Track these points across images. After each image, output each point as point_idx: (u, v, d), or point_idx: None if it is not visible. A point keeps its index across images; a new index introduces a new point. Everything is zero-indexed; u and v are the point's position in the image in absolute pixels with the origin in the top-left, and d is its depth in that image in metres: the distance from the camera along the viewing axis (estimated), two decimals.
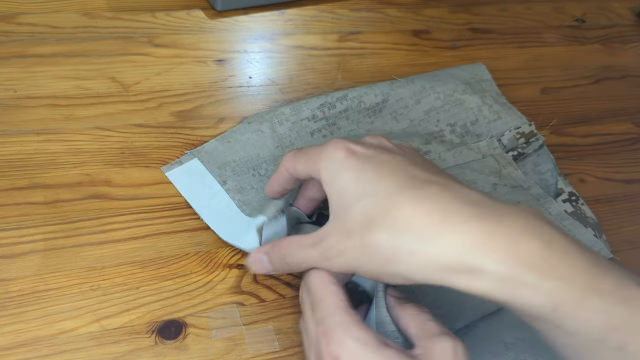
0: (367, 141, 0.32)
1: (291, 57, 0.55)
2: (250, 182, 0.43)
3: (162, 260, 0.39)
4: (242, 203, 0.42)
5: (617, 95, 0.59)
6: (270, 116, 0.46)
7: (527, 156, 0.49)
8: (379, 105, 0.49)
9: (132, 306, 0.36)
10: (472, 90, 0.51)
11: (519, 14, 0.66)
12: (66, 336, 0.34)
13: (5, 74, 0.47)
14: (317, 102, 0.48)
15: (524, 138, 0.49)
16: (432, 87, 0.51)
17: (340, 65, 0.55)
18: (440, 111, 0.50)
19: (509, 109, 0.51)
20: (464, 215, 0.27)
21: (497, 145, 0.49)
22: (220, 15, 0.57)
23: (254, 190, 0.43)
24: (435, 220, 0.27)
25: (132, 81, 0.49)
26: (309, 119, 0.47)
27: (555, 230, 0.27)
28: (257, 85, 0.51)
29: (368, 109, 0.49)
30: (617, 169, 0.52)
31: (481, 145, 0.49)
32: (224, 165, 0.43)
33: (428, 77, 0.52)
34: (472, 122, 0.50)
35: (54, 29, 0.51)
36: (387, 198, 0.28)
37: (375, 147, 0.32)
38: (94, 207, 0.40)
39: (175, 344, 0.35)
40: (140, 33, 0.53)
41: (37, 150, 0.42)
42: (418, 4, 0.64)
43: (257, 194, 0.42)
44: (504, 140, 0.49)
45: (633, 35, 0.67)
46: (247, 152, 0.44)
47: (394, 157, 0.30)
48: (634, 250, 0.46)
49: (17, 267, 0.37)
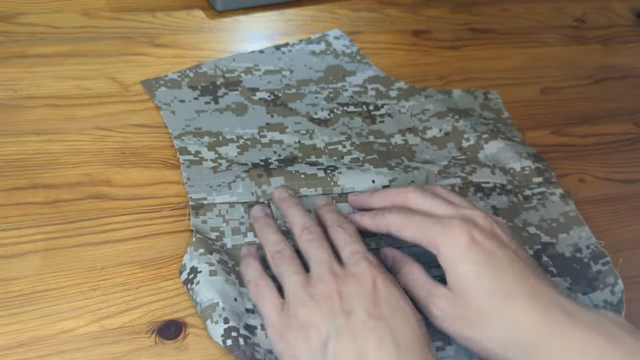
0: (481, 224, 0.36)
1: None
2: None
3: (162, 260, 0.39)
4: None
5: (617, 95, 0.59)
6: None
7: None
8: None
9: (132, 306, 0.36)
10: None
11: (519, 14, 0.66)
12: (66, 336, 0.34)
13: (5, 74, 0.47)
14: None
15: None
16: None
17: None
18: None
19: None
20: (565, 327, 0.32)
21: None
22: (220, 15, 0.57)
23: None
24: (542, 329, 0.32)
25: (132, 81, 0.49)
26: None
27: (637, 340, 0.31)
28: None
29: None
30: (617, 169, 0.52)
31: None
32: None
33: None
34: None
35: (54, 29, 0.51)
36: (502, 300, 0.33)
37: (492, 236, 0.35)
38: (94, 207, 0.40)
39: (175, 344, 0.35)
40: (140, 33, 0.53)
41: (37, 150, 0.42)
42: (418, 4, 0.64)
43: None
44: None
45: (633, 35, 0.67)
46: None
47: (509, 254, 0.35)
48: (634, 250, 0.46)
49: (17, 267, 0.37)
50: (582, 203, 0.48)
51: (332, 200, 0.42)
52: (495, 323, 0.33)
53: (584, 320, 0.32)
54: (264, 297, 0.36)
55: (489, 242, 0.35)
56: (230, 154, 0.45)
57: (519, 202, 0.45)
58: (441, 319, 0.35)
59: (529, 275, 0.34)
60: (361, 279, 0.34)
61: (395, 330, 0.32)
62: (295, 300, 0.34)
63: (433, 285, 0.35)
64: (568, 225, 0.45)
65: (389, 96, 0.52)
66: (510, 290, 0.33)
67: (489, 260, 0.34)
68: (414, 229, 0.36)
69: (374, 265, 0.35)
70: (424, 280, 0.36)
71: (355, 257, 0.35)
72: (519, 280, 0.34)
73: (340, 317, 0.33)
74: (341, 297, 0.33)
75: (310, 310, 0.33)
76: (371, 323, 0.32)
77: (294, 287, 0.35)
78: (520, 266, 0.34)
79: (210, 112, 0.47)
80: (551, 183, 0.47)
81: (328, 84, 0.52)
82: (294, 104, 0.50)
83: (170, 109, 0.47)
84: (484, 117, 0.52)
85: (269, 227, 0.39)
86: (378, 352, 0.31)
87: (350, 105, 0.51)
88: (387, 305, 0.33)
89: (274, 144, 0.46)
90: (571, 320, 0.32)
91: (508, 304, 0.33)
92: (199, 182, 0.42)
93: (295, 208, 0.40)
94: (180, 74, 0.50)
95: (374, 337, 0.32)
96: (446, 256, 0.35)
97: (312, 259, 0.36)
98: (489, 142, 0.49)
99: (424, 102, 0.52)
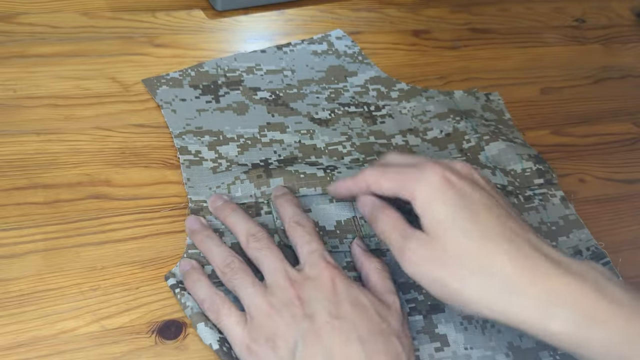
0: (458, 169, 0.35)
1: None
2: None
3: (162, 260, 0.39)
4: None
5: (617, 95, 0.59)
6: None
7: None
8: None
9: (132, 306, 0.36)
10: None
11: (519, 14, 0.66)
12: (66, 336, 0.34)
13: (5, 74, 0.47)
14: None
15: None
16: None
17: None
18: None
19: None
20: (549, 272, 0.31)
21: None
22: (220, 15, 0.57)
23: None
24: (525, 274, 0.31)
25: (132, 81, 0.49)
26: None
27: (623, 290, 0.30)
28: None
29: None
30: (617, 169, 0.52)
31: None
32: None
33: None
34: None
35: (54, 29, 0.51)
36: (480, 242, 0.32)
37: (469, 180, 0.34)
38: (94, 207, 0.40)
39: (175, 344, 0.35)
40: (140, 33, 0.53)
41: (37, 150, 0.42)
42: (418, 4, 0.64)
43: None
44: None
45: (633, 35, 0.67)
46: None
47: (485, 197, 0.33)
48: (634, 250, 0.46)
49: (17, 267, 0.37)
50: (582, 203, 0.48)
51: (332, 200, 0.42)
52: (473, 266, 0.31)
53: (569, 267, 0.31)
54: (223, 314, 0.35)
55: (464, 184, 0.33)
56: (231, 154, 0.45)
57: (519, 203, 0.45)
58: (415, 264, 0.33)
59: (507, 219, 0.33)
60: (319, 281, 0.34)
61: (359, 326, 0.32)
62: (257, 313, 0.34)
63: (409, 229, 0.34)
64: (568, 229, 0.45)
65: (390, 97, 0.52)
66: (488, 232, 0.32)
67: (465, 202, 0.33)
68: (390, 179, 0.35)
69: (332, 264, 0.35)
70: (401, 226, 0.34)
71: (312, 257, 0.35)
72: (497, 223, 0.32)
73: (303, 322, 0.32)
74: (302, 302, 0.33)
75: (273, 320, 0.33)
76: (335, 323, 0.32)
77: (252, 299, 0.34)
78: (500, 210, 0.33)
79: (211, 111, 0.47)
80: (552, 185, 0.47)
81: (329, 84, 0.52)
82: (295, 104, 0.50)
83: (171, 108, 0.47)
84: (486, 118, 0.52)
85: (209, 239, 0.38)
86: (344, 350, 0.31)
87: (351, 105, 0.51)
88: (347, 303, 0.33)
89: (274, 144, 0.46)
90: (556, 268, 0.31)
91: (486, 246, 0.31)
92: (198, 183, 0.42)
93: (234, 215, 0.39)
94: (182, 73, 0.50)
95: (338, 337, 0.32)
96: (421, 201, 0.33)
97: (264, 268, 0.35)
98: (489, 143, 0.49)
99: (425, 103, 0.52)
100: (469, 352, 0.37)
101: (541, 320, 0.30)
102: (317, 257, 0.35)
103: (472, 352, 0.37)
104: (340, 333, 0.32)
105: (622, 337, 0.29)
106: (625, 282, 0.40)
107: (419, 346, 0.37)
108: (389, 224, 0.35)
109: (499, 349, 0.37)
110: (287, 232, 0.38)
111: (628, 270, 0.43)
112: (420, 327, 0.38)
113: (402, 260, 0.33)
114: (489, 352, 0.37)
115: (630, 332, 0.29)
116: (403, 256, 0.33)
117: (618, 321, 0.29)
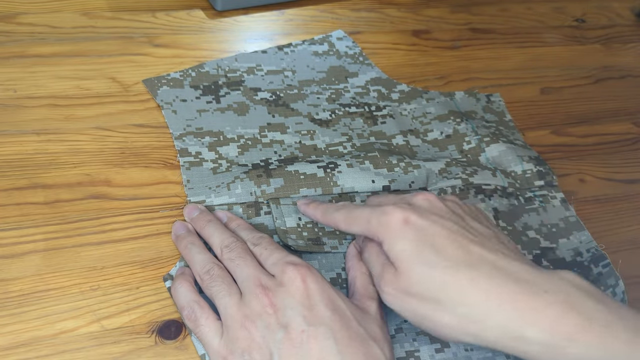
0: (419, 205, 0.36)
1: None
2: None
3: (162, 260, 0.39)
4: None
5: (617, 95, 0.59)
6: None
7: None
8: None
9: (132, 306, 0.36)
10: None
11: (519, 14, 0.66)
12: (66, 336, 0.34)
13: (5, 74, 0.47)
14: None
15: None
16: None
17: None
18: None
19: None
20: (515, 294, 0.31)
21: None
22: (220, 15, 0.57)
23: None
24: (491, 298, 0.31)
25: (132, 81, 0.49)
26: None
27: (596, 303, 0.30)
28: None
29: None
30: (617, 169, 0.52)
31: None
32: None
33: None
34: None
35: (54, 29, 0.51)
36: (444, 271, 0.32)
37: (429, 213, 0.35)
38: (94, 207, 0.40)
39: (175, 344, 0.35)
40: (140, 33, 0.53)
41: (37, 150, 0.42)
42: (418, 4, 0.64)
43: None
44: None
45: (633, 35, 0.67)
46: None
47: (448, 227, 0.34)
48: (634, 250, 0.46)
49: (17, 267, 0.37)
50: (582, 203, 0.48)
51: (332, 200, 0.42)
52: (440, 296, 0.32)
53: (537, 285, 0.31)
54: (201, 324, 0.34)
55: (423, 221, 0.34)
56: (231, 154, 0.45)
57: (520, 204, 0.45)
58: (390, 294, 0.34)
59: (471, 244, 0.33)
60: (291, 285, 0.33)
61: (335, 332, 0.32)
62: (233, 324, 0.33)
63: (386, 262, 0.35)
64: (568, 230, 0.45)
65: (391, 98, 0.52)
66: (450, 261, 0.32)
67: (423, 236, 0.33)
68: (358, 223, 0.36)
69: (300, 264, 0.34)
70: (382, 256, 0.35)
71: (278, 266, 0.35)
72: (459, 252, 0.33)
73: (278, 332, 0.32)
74: (275, 311, 0.33)
75: (248, 331, 0.33)
76: (310, 331, 0.32)
77: (228, 309, 0.34)
78: (463, 237, 0.34)
79: (212, 112, 0.47)
80: (553, 186, 0.47)
81: (330, 84, 0.52)
82: (296, 105, 0.50)
83: (171, 108, 0.47)
84: (486, 119, 0.52)
85: (193, 245, 0.38)
86: (321, 357, 0.31)
87: (352, 106, 0.51)
88: (322, 306, 0.33)
89: (274, 144, 0.46)
90: (524, 288, 0.31)
91: (450, 274, 0.32)
92: (198, 184, 0.42)
93: (210, 226, 0.38)
94: (183, 73, 0.50)
95: (315, 345, 0.31)
96: (387, 243, 0.34)
97: (238, 277, 0.35)
98: (490, 145, 0.49)
99: (425, 105, 0.52)
100: (469, 353, 0.37)
101: (513, 341, 0.31)
102: (282, 264, 0.35)
103: (473, 354, 0.37)
104: (317, 341, 0.32)
105: (597, 353, 0.29)
106: (605, 288, 0.41)
107: (419, 347, 0.37)
108: (373, 254, 0.36)
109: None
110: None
111: (628, 271, 0.43)
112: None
113: (379, 289, 0.35)
114: (489, 353, 0.37)
115: (606, 349, 0.29)
116: (380, 286, 0.35)
117: (590, 337, 0.29)
